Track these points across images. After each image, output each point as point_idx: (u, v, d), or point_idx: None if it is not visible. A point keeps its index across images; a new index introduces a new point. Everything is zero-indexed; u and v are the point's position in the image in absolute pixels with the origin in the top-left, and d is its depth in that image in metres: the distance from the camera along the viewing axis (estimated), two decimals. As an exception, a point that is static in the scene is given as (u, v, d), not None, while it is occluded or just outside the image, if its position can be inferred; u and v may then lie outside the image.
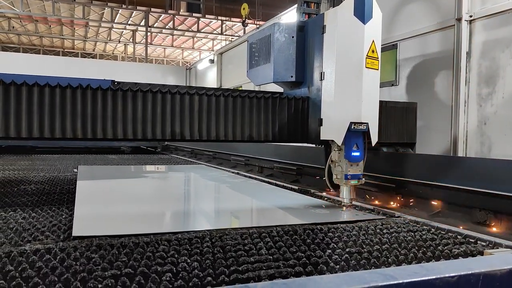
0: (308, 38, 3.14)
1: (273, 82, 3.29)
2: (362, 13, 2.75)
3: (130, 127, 2.80)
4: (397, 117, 4.13)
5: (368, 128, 2.82)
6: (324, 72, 2.91)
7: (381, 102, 3.87)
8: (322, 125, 2.95)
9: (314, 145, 3.29)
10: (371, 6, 2.79)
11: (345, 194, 2.92)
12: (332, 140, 2.89)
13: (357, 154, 2.83)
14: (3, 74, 2.55)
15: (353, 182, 2.86)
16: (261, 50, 3.36)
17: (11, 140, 2.63)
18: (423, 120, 4.97)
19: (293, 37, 3.17)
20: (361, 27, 2.76)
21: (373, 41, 2.80)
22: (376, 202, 3.65)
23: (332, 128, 2.86)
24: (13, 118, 2.54)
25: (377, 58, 2.84)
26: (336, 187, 3.02)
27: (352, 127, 2.76)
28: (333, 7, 3.02)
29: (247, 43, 3.67)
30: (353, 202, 2.98)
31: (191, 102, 2.94)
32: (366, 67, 2.77)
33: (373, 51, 2.80)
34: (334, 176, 2.95)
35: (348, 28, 2.79)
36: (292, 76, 3.18)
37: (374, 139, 2.88)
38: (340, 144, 2.82)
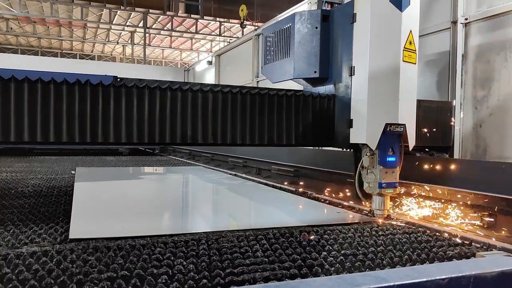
0: (334, 28, 2.81)
1: (293, 79, 2.96)
2: None
3: (135, 130, 2.47)
4: (432, 117, 3.72)
5: (405, 130, 2.54)
6: (354, 67, 2.59)
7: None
8: (352, 127, 2.62)
9: (341, 149, 2.97)
10: None
11: (379, 204, 2.60)
12: (364, 144, 2.56)
13: (392, 159, 2.53)
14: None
15: (388, 191, 2.55)
16: (279, 44, 3.03)
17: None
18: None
19: (316, 27, 2.82)
20: (398, 15, 2.45)
21: (410, 31, 2.50)
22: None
23: (365, 130, 2.51)
24: None
25: (415, 50, 2.54)
26: (368, 197, 2.70)
27: (388, 129, 2.47)
28: None
29: (262, 36, 3.41)
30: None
31: (204, 100, 2.60)
32: (404, 61, 2.48)
33: (410, 43, 2.51)
34: (365, 185, 2.63)
35: (383, 16, 2.46)
36: (315, 72, 2.85)
37: (412, 143, 2.59)
38: (374, 149, 2.51)
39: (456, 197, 2.85)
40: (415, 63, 2.58)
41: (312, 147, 3.24)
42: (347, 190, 3.57)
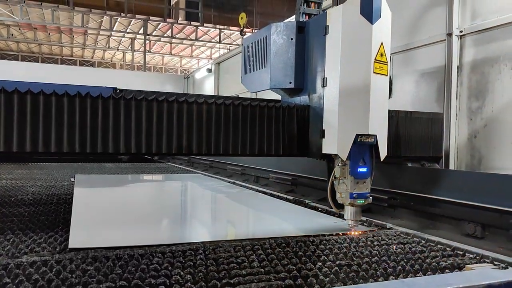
0: (309, 40, 2.84)
1: (270, 89, 3.01)
2: (370, 12, 2.47)
3: (133, 141, 2.53)
4: (422, 128, 3.76)
5: (377, 141, 2.55)
6: (326, 78, 2.62)
7: (405, 112, 3.70)
8: (324, 137, 2.64)
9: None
10: (379, 4, 2.52)
11: (350, 215, 2.61)
12: (336, 154, 2.58)
13: (363, 170, 2.54)
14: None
15: (359, 201, 2.55)
16: (257, 54, 3.06)
17: (3, 154, 2.41)
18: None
19: (292, 39, 2.85)
20: (368, 27, 2.47)
21: (381, 43, 2.52)
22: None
23: (336, 141, 2.53)
24: (2, 130, 2.28)
25: (386, 62, 2.56)
26: (341, 207, 2.71)
27: (359, 140, 2.48)
28: (337, 5, 2.69)
29: (242, 46, 3.34)
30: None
31: (198, 112, 2.67)
32: (374, 72, 2.49)
33: (381, 55, 2.53)
34: (338, 195, 2.64)
35: (354, 28, 2.50)
36: (291, 83, 2.88)
37: (383, 153, 2.61)
38: (344, 159, 2.53)
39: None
40: (387, 75, 2.59)
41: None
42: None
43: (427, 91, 5.17)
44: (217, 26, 17.55)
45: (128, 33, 18.92)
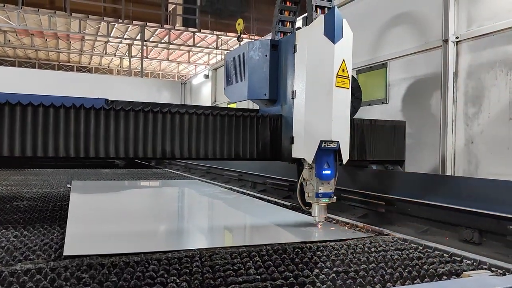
0: (281, 56, 3.17)
1: (248, 100, 3.33)
2: (332, 32, 2.77)
3: (122, 146, 2.84)
4: (386, 135, 4.18)
5: (339, 147, 2.84)
6: (295, 91, 2.93)
7: (369, 121, 4.13)
8: (294, 143, 2.96)
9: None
10: (341, 26, 2.80)
11: (317, 212, 2.91)
12: (304, 158, 2.89)
13: (327, 172, 2.84)
14: (-2, 93, 2.64)
15: (324, 200, 2.86)
16: (236, 68, 3.40)
17: (3, 158, 2.65)
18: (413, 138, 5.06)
19: (266, 55, 3.20)
20: (331, 46, 2.77)
21: (343, 60, 2.82)
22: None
23: (303, 146, 2.86)
24: (6, 137, 2.60)
25: (348, 77, 2.85)
26: (308, 205, 3.02)
27: (323, 146, 2.78)
28: (306, 25, 3.02)
29: (225, 60, 3.68)
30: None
31: (181, 121, 3.00)
32: (336, 86, 2.79)
33: (343, 70, 2.82)
34: (306, 194, 2.94)
35: (318, 47, 2.80)
36: (265, 94, 3.22)
37: (345, 158, 2.90)
38: (310, 162, 2.83)
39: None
40: (348, 88, 2.87)
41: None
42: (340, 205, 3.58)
43: (423, 97, 5.19)
44: (214, 32, 17.61)
45: (125, 39, 18.95)
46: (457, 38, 4.72)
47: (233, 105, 8.34)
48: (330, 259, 2.13)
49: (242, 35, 14.59)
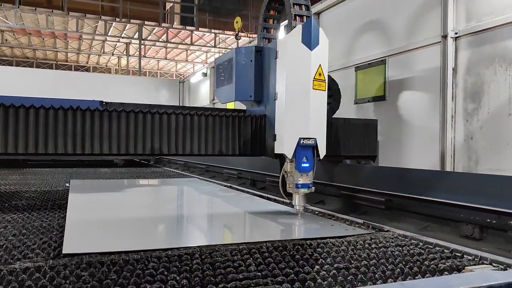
0: (265, 61, 3.45)
1: (235, 101, 3.63)
2: (309, 40, 3.06)
3: (115, 143, 3.12)
4: (359, 132, 4.48)
5: (317, 143, 3.12)
6: (277, 93, 3.20)
7: (343, 119, 4.48)
8: (276, 140, 3.24)
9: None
10: (317, 34, 3.10)
11: (297, 201, 3.23)
12: (285, 154, 3.15)
13: (306, 165, 3.11)
14: (3, 97, 2.92)
15: (303, 190, 3.13)
16: (225, 72, 3.68)
17: (8, 156, 2.91)
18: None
19: (251, 60, 3.48)
20: (308, 53, 3.06)
21: (320, 65, 3.11)
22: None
23: (284, 143, 3.13)
24: (11, 136, 2.88)
25: (324, 80, 3.16)
26: (290, 195, 3.30)
27: (302, 142, 3.07)
28: (287, 33, 3.32)
29: (215, 64, 3.87)
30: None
31: (169, 120, 3.27)
32: (314, 89, 3.08)
33: (320, 74, 3.11)
34: (287, 186, 3.22)
35: (297, 54, 3.08)
36: (251, 96, 3.50)
37: (322, 153, 3.18)
38: (290, 157, 3.11)
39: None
40: (325, 90, 3.19)
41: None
42: (342, 202, 3.57)
43: (422, 93, 5.18)
44: (212, 31, 17.58)
45: (123, 38, 18.91)
46: (456, 33, 4.71)
47: (231, 105, 8.35)
48: (331, 255, 2.12)
49: (240, 33, 14.58)
